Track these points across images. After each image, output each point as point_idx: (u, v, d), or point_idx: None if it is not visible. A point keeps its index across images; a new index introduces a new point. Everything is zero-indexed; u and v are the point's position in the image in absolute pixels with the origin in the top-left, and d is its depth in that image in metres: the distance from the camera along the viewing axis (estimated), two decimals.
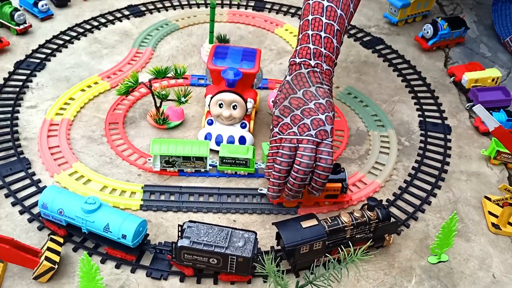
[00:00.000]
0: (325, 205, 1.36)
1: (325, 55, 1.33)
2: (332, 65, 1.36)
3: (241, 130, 1.51)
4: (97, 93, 1.65)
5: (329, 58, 1.34)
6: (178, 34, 1.97)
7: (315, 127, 1.23)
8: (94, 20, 1.97)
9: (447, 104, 1.74)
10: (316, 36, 1.34)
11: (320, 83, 1.30)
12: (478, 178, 1.49)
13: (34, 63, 1.74)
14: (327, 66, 1.34)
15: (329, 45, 1.34)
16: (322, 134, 1.23)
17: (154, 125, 1.55)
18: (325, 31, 1.34)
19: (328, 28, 1.35)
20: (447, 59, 1.96)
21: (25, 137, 1.48)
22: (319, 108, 1.26)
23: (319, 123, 1.23)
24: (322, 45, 1.33)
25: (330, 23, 1.34)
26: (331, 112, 1.27)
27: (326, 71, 1.33)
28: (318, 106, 1.26)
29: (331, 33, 1.34)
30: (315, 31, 1.34)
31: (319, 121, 1.24)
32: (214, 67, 1.49)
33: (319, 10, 1.36)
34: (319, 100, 1.27)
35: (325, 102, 1.27)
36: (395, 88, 1.79)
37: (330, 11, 1.35)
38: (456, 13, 2.23)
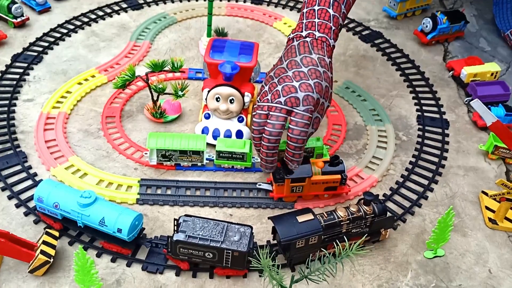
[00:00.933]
0: (324, 197, 1.36)
1: (318, 23, 1.31)
2: (329, 32, 1.31)
3: (238, 124, 1.50)
4: (94, 86, 1.64)
5: (323, 25, 1.31)
6: (176, 27, 1.96)
7: (285, 94, 1.20)
8: (91, 13, 1.96)
9: (445, 99, 1.74)
10: (309, 11, 1.34)
11: (309, 52, 1.27)
12: (475, 173, 1.49)
13: (31, 56, 1.73)
14: (320, 34, 1.30)
15: (323, 15, 1.32)
16: (292, 102, 1.19)
17: (151, 119, 1.55)
18: (318, 4, 1.34)
19: (323, 0, 1.35)
20: (446, 53, 1.95)
21: (22, 131, 1.48)
22: (296, 76, 1.22)
23: (291, 89, 1.20)
24: (315, 16, 1.33)
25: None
26: (314, 80, 1.21)
27: (318, 39, 1.30)
28: (297, 74, 1.22)
29: (326, 4, 1.34)
30: (308, 7, 1.35)
31: (291, 87, 1.20)
32: (211, 61, 1.48)
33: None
34: (300, 68, 1.23)
35: (307, 70, 1.22)
36: (393, 83, 1.78)
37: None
38: (456, 6, 2.22)
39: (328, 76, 1.27)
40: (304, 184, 1.31)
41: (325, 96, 1.27)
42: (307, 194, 1.34)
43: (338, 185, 1.33)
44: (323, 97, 1.26)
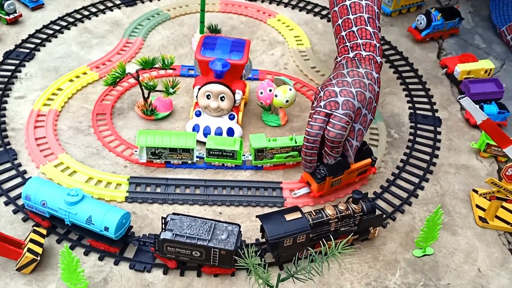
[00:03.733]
0: (356, 182, 1.39)
1: (362, 43, 1.37)
2: (375, 49, 1.37)
3: (229, 121, 1.50)
4: (85, 83, 1.64)
5: (368, 44, 1.37)
6: (169, 24, 1.95)
7: (326, 98, 1.26)
8: (84, 9, 1.96)
9: (438, 96, 1.73)
10: (349, 33, 1.41)
11: (356, 67, 1.33)
12: (467, 171, 1.48)
13: (23, 53, 1.73)
14: (366, 52, 1.36)
15: (364, 34, 1.39)
16: (331, 105, 1.25)
17: (142, 116, 1.54)
18: (355, 25, 1.40)
19: (358, 20, 1.40)
20: (440, 51, 1.94)
21: (13, 128, 1.48)
22: (339, 83, 1.28)
23: (331, 94, 1.27)
24: (357, 37, 1.39)
25: (358, 16, 1.40)
26: (356, 88, 1.27)
27: (365, 57, 1.36)
28: (340, 82, 1.29)
29: (362, 23, 1.39)
30: (346, 30, 1.41)
31: (331, 92, 1.27)
32: (202, 58, 1.48)
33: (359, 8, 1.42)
34: (345, 78, 1.30)
35: (351, 80, 1.29)
36: (386, 80, 1.77)
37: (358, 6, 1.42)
38: (452, 3, 2.21)
39: (373, 89, 1.31)
40: (342, 177, 1.33)
41: (368, 108, 1.31)
42: (343, 184, 1.36)
43: (369, 167, 1.37)
44: (366, 108, 1.30)
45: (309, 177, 1.33)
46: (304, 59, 1.83)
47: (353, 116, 1.26)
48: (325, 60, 1.83)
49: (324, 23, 2.02)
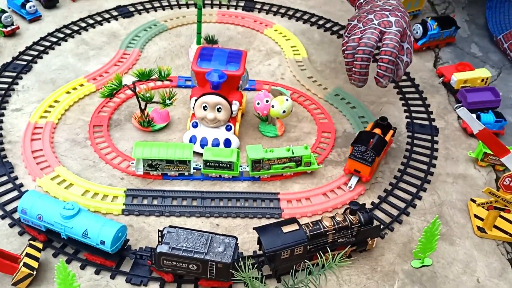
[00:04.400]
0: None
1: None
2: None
3: (226, 132, 1.50)
4: (82, 95, 1.64)
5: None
6: (166, 34, 1.95)
7: (378, 18, 1.39)
8: (82, 21, 1.96)
9: (435, 105, 1.73)
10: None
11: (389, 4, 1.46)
12: (464, 180, 1.48)
13: (20, 66, 1.73)
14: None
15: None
16: (385, 24, 1.37)
17: (139, 128, 1.54)
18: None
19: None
20: (437, 59, 1.94)
21: (9, 141, 1.47)
22: (383, 10, 1.41)
23: (382, 15, 1.39)
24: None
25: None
26: (400, 13, 1.40)
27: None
28: (384, 9, 1.41)
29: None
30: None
31: (383, 14, 1.39)
32: (198, 69, 1.48)
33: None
34: (385, 6, 1.44)
35: (391, 8, 1.42)
36: (383, 89, 1.77)
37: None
38: (448, 12, 2.21)
39: (406, 21, 1.42)
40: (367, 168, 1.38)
41: (405, 39, 1.41)
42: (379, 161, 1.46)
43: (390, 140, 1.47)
44: (409, 30, 1.42)
45: (356, 164, 1.38)
46: (301, 69, 1.83)
47: (403, 35, 1.38)
48: (321, 70, 1.84)
49: (321, 32, 2.03)
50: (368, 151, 1.37)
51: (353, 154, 1.38)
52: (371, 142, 1.39)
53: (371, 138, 1.40)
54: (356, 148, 1.39)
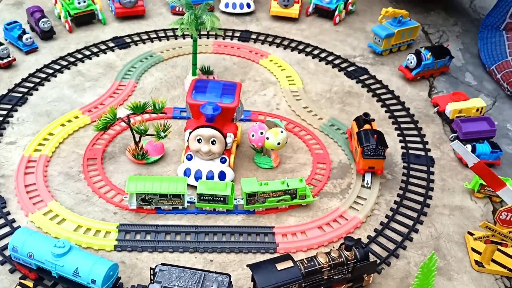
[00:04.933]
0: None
1: None
2: None
3: (221, 165, 1.49)
4: (77, 127, 1.64)
5: None
6: (162, 65, 1.97)
7: None
8: (78, 52, 1.98)
9: (430, 135, 1.73)
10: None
11: None
12: (461, 212, 1.47)
13: (16, 98, 1.73)
14: None
15: None
16: None
17: (133, 161, 1.54)
18: None
19: None
20: (431, 89, 1.95)
21: (2, 175, 1.46)
22: None
23: None
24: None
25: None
26: None
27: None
28: None
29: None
30: None
31: None
32: (193, 102, 1.49)
33: None
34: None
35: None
36: (378, 119, 1.77)
37: None
38: (442, 41, 2.23)
39: None
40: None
41: None
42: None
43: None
44: None
45: (371, 162, 1.47)
46: (296, 99, 1.84)
47: None
48: (317, 100, 1.84)
49: (316, 62, 2.04)
50: (378, 147, 1.46)
51: (366, 154, 1.46)
52: (376, 138, 1.48)
53: (373, 134, 1.49)
54: (367, 147, 1.46)
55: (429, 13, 2.45)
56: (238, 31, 2.19)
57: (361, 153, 1.48)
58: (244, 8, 2.30)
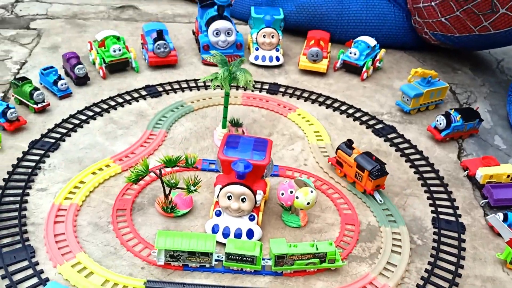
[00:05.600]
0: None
1: None
2: None
3: (249, 222, 1.48)
4: (107, 176, 1.65)
5: None
6: (192, 115, 1.99)
7: None
8: (111, 99, 2.02)
9: (460, 200, 1.71)
10: None
11: None
12: (493, 283, 1.43)
13: (48, 143, 1.76)
14: None
15: None
16: None
17: (162, 213, 1.54)
18: None
19: None
20: (460, 151, 1.94)
21: (33, 222, 1.47)
22: None
23: None
24: None
25: None
26: None
27: None
28: None
29: None
30: None
31: None
32: (225, 158, 1.50)
33: None
34: None
35: None
36: (407, 180, 1.76)
37: None
38: (470, 101, 2.24)
39: None
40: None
41: None
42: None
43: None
44: None
45: (378, 181, 1.62)
46: (324, 155, 1.84)
47: None
48: None
49: (344, 118, 2.05)
50: (381, 166, 1.61)
51: (374, 175, 1.61)
52: (374, 158, 1.64)
53: (370, 157, 1.64)
54: (374, 169, 1.60)
55: (456, 73, 2.47)
56: (267, 83, 2.22)
57: (368, 176, 1.61)
58: (273, 61, 2.35)
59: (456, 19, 2.24)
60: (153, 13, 2.80)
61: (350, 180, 1.70)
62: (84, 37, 2.46)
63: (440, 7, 2.26)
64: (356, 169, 1.65)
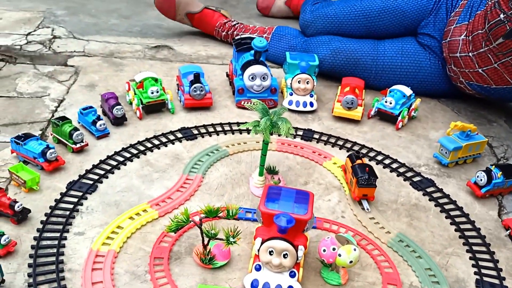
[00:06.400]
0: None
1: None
2: None
3: (290, 279, 1.45)
4: (144, 222, 1.64)
5: None
6: (227, 160, 1.98)
7: None
8: (147, 141, 2.02)
9: (503, 261, 1.65)
10: None
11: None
12: None
13: (86, 185, 1.76)
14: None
15: None
16: None
17: (200, 264, 1.51)
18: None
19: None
20: (500, 208, 1.89)
21: (70, 269, 1.45)
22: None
23: None
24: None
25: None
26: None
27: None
28: None
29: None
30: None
31: None
32: (267, 210, 1.47)
33: None
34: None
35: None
36: (448, 238, 1.72)
37: None
38: (508, 155, 2.20)
39: None
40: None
41: None
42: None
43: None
44: None
45: (365, 190, 1.76)
46: (361, 207, 1.81)
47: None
48: (383, 211, 1.81)
49: (380, 168, 2.03)
50: (370, 177, 1.74)
51: (360, 183, 1.75)
52: (367, 170, 1.76)
53: (365, 167, 1.77)
54: (361, 177, 1.75)
55: (492, 125, 2.44)
56: (301, 129, 2.21)
57: (356, 183, 1.76)
58: (307, 107, 2.35)
59: (493, 71, 2.23)
60: (187, 53, 2.84)
61: (350, 187, 1.86)
62: (120, 75, 2.49)
63: (477, 58, 2.26)
64: (351, 176, 1.82)
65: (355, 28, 2.62)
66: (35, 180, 1.70)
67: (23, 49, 2.69)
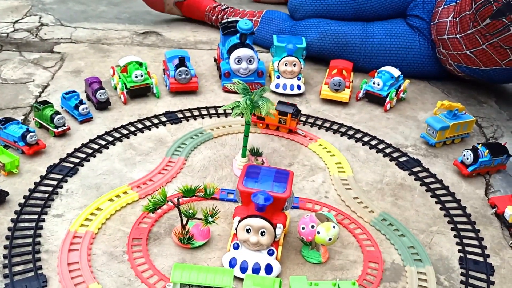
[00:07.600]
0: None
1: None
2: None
3: (268, 257, 1.43)
4: (124, 204, 1.62)
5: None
6: (211, 143, 1.97)
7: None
8: (131, 125, 2.01)
9: (489, 239, 1.63)
10: None
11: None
12: None
13: (67, 168, 1.75)
14: None
15: None
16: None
17: (178, 244, 1.50)
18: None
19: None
20: (488, 187, 1.87)
21: (46, 250, 1.44)
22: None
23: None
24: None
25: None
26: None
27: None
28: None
29: None
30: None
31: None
32: (244, 189, 1.45)
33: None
34: None
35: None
36: (433, 217, 1.70)
37: None
38: (497, 135, 2.17)
39: None
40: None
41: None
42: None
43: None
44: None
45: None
46: (345, 188, 1.79)
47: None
48: (367, 191, 1.79)
49: (366, 149, 2.01)
50: (297, 108, 2.02)
51: (295, 115, 2.00)
52: (288, 103, 2.01)
53: (284, 103, 2.01)
54: (294, 111, 2.00)
55: (482, 106, 2.41)
56: None
57: (291, 117, 1.99)
58: (295, 90, 2.32)
59: (482, 53, 2.20)
60: (176, 39, 2.82)
61: (274, 128, 2.04)
62: (107, 62, 2.48)
63: (465, 40, 2.22)
64: (280, 116, 1.98)
65: (343, 11, 2.59)
66: (14, 164, 1.69)
67: (9, 36, 2.67)
